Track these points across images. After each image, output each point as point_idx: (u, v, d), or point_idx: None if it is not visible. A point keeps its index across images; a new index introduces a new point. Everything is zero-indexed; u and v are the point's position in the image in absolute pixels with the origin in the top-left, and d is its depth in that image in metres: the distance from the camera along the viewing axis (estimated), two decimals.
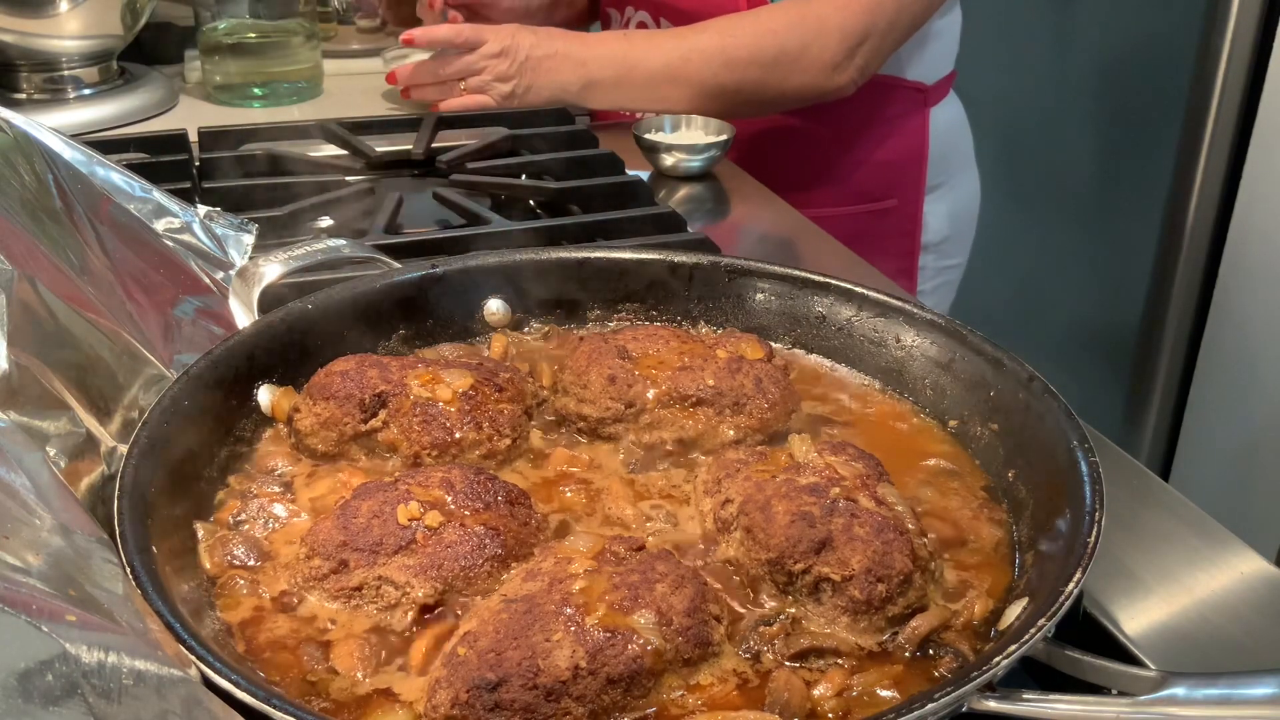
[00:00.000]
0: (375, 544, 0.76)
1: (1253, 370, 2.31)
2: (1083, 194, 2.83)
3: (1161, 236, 2.52)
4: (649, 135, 1.66)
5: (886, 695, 0.70)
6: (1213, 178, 2.37)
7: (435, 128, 1.66)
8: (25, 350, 0.77)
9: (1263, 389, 2.29)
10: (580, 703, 0.66)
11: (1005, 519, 0.86)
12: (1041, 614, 0.68)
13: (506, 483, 0.84)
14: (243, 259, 1.07)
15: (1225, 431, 2.43)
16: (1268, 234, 2.26)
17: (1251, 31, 2.26)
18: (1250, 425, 2.33)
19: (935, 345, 0.99)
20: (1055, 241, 2.89)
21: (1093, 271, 2.84)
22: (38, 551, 0.63)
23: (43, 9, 1.76)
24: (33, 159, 0.94)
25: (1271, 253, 2.25)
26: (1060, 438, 0.83)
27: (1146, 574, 0.87)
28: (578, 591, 0.70)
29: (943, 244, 1.98)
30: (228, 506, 0.85)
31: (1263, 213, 2.27)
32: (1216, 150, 2.35)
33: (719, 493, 0.84)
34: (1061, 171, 2.84)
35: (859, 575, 0.74)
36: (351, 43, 2.23)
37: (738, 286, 1.09)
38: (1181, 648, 0.80)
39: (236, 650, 0.72)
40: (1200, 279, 2.46)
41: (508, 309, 1.09)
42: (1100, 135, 2.76)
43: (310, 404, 0.91)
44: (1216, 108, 2.33)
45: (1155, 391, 2.59)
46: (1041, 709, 0.64)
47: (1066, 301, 2.90)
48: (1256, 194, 2.28)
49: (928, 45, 1.85)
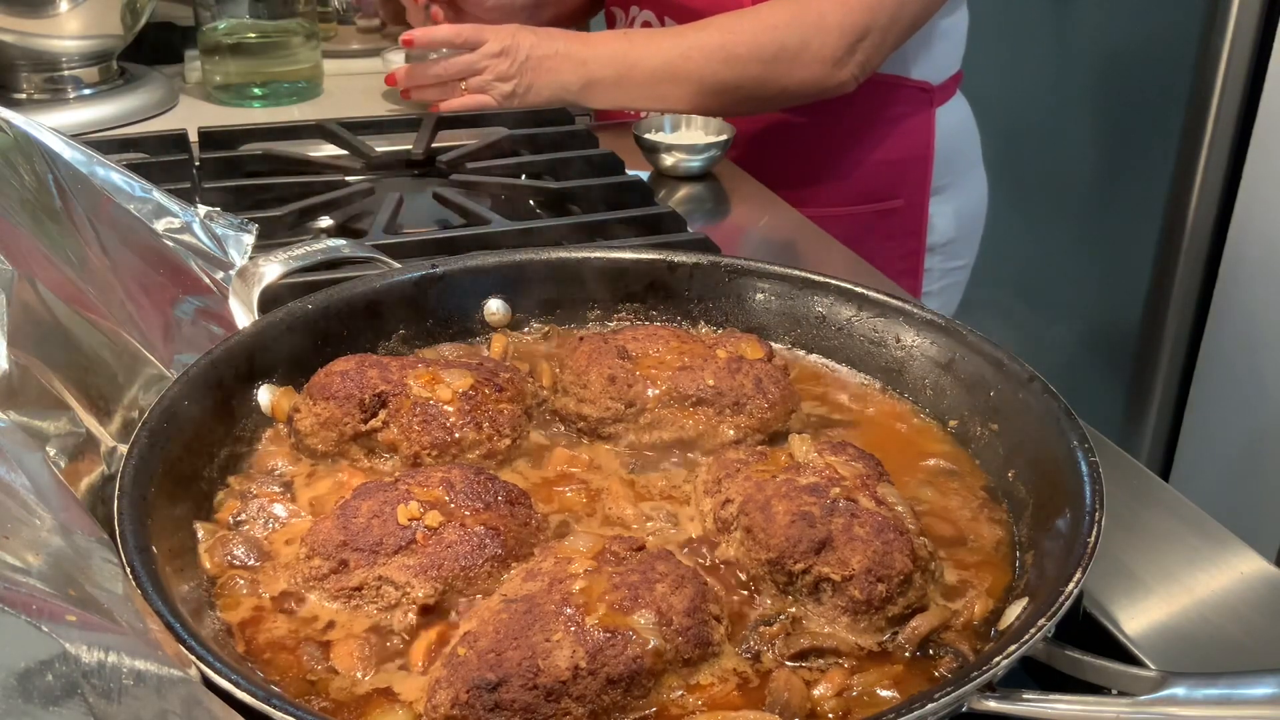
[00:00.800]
0: (375, 544, 0.76)
1: (1253, 370, 2.31)
2: (1083, 194, 2.83)
3: (1162, 236, 2.52)
4: (649, 135, 1.67)
5: (886, 695, 0.70)
6: (1213, 177, 2.37)
7: (435, 128, 1.66)
8: (25, 350, 0.77)
9: (1263, 389, 2.29)
10: (580, 703, 0.66)
11: (1005, 519, 0.86)
12: (1041, 614, 0.68)
13: (506, 483, 0.84)
14: (243, 259, 1.07)
15: (1225, 431, 2.43)
16: (1268, 234, 2.26)
17: (1251, 31, 2.26)
18: (1250, 425, 2.33)
19: (935, 345, 0.99)
20: (1055, 241, 2.89)
21: (1093, 271, 2.84)
22: (38, 551, 0.63)
23: (43, 9, 1.76)
24: (33, 159, 0.94)
25: (1271, 252, 2.25)
26: (1060, 438, 0.83)
27: (1146, 574, 0.87)
28: (578, 591, 0.70)
29: (949, 245, 1.97)
30: (228, 506, 0.85)
31: (1263, 212, 2.27)
32: (1216, 150, 2.35)
33: (719, 493, 0.84)
34: (1062, 171, 2.84)
35: (859, 575, 0.74)
36: (351, 43, 2.23)
37: (738, 286, 1.09)
38: (1181, 648, 0.80)
39: (236, 650, 0.72)
40: (1200, 279, 2.46)
41: (508, 309, 1.09)
42: (1100, 135, 2.76)
43: (310, 404, 0.91)
44: (1216, 108, 2.33)
45: (1155, 391, 2.59)
46: (1041, 709, 0.64)
47: (1067, 301, 2.90)
48: (1256, 194, 2.28)
49: (933, 45, 1.85)
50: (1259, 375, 2.31)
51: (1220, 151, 2.36)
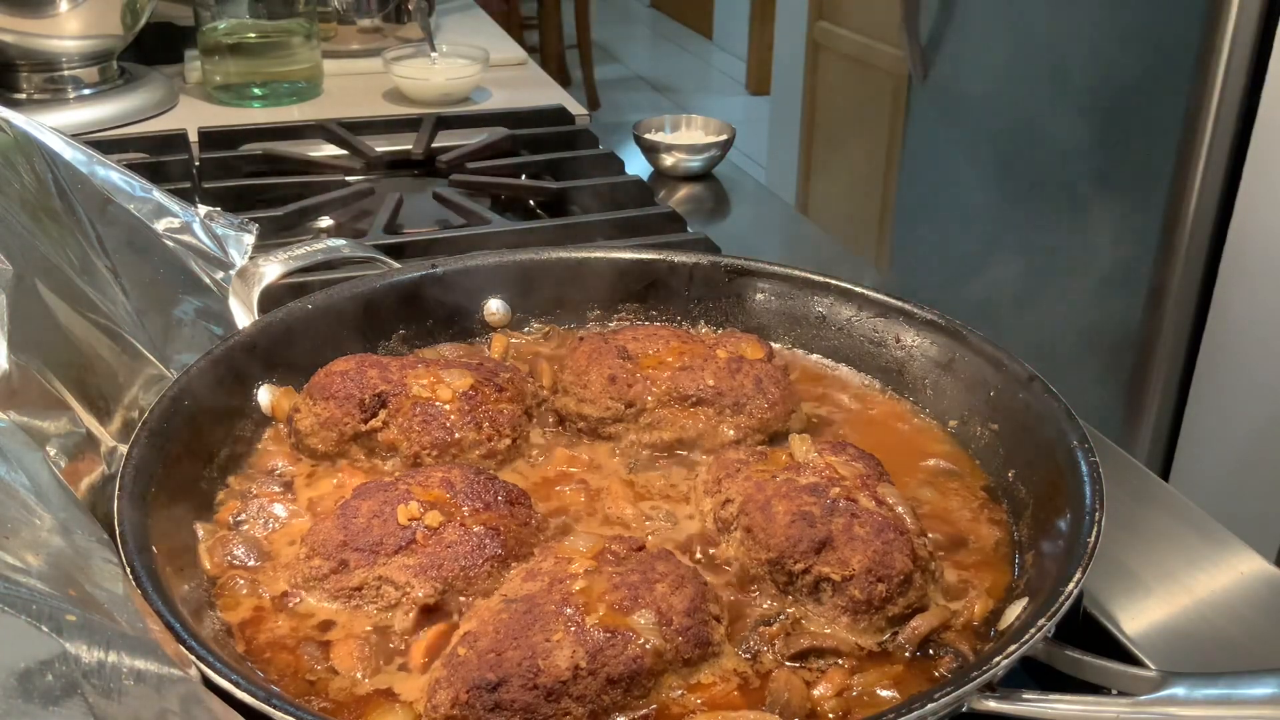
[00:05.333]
0: (375, 544, 0.76)
1: (1252, 370, 2.31)
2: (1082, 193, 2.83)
3: (1161, 236, 2.51)
4: (649, 135, 1.66)
5: (886, 695, 0.70)
6: (1213, 178, 2.37)
7: (435, 128, 1.66)
8: (25, 350, 0.77)
9: (1262, 389, 2.29)
10: (580, 703, 0.66)
11: (1005, 519, 0.86)
12: (1041, 614, 0.68)
13: (506, 483, 0.84)
14: (243, 259, 1.07)
15: (1225, 431, 2.42)
16: (1268, 234, 2.26)
17: (1251, 31, 2.25)
18: (1250, 425, 2.33)
19: (935, 345, 0.99)
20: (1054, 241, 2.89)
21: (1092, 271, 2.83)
22: (38, 551, 0.63)
23: (43, 9, 1.76)
24: (33, 159, 0.94)
25: (1271, 253, 2.25)
26: (1060, 438, 0.83)
27: (1146, 574, 0.87)
28: (578, 591, 0.70)
29: None
30: (228, 506, 0.85)
31: (1263, 213, 2.27)
32: (1216, 150, 2.35)
33: (719, 493, 0.84)
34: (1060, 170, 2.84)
35: (859, 575, 0.74)
36: (351, 43, 2.23)
37: (738, 286, 1.09)
38: (1181, 648, 0.80)
39: (236, 650, 0.72)
40: (1200, 279, 2.46)
41: (508, 309, 1.09)
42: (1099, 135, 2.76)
43: (310, 404, 0.91)
44: (1216, 108, 2.32)
45: (1155, 391, 2.59)
46: (1041, 709, 0.64)
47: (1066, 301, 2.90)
48: (1256, 194, 2.28)
49: None
50: (1259, 375, 2.31)
51: (1220, 152, 2.36)
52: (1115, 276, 2.75)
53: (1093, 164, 2.83)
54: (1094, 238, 2.84)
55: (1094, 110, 2.78)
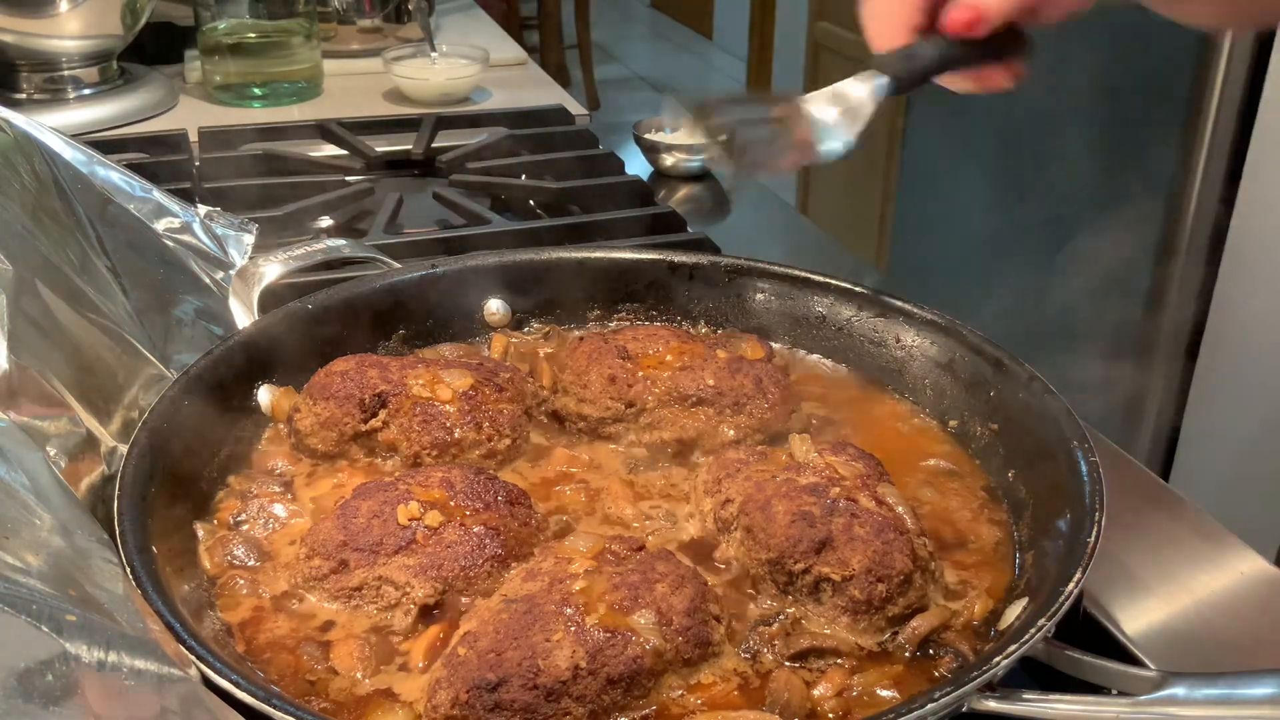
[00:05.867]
0: (375, 544, 0.76)
1: (1253, 370, 2.31)
2: (1082, 193, 2.83)
3: (1161, 236, 2.51)
4: (649, 135, 1.66)
5: (886, 695, 0.70)
6: (1213, 178, 2.37)
7: (435, 128, 1.66)
8: (25, 350, 0.77)
9: (1263, 389, 2.29)
10: (580, 703, 0.66)
11: (1005, 519, 0.86)
12: (1041, 614, 0.68)
13: (506, 483, 0.84)
14: (243, 259, 1.07)
15: (1225, 431, 2.42)
16: (1268, 234, 2.26)
17: None
18: (1250, 425, 2.33)
19: (935, 345, 0.99)
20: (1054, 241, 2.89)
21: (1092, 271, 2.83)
22: (38, 551, 0.63)
23: (43, 9, 1.76)
24: (33, 159, 0.94)
25: (1271, 253, 2.25)
26: (1060, 438, 0.83)
27: (1146, 574, 0.87)
28: (578, 591, 0.70)
29: None
30: (228, 506, 0.85)
31: (1263, 213, 2.27)
32: (1216, 150, 2.35)
33: (719, 493, 0.84)
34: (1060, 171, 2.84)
35: (859, 575, 0.74)
36: (351, 43, 2.23)
37: (738, 286, 1.09)
38: (1181, 648, 0.80)
39: (236, 650, 0.72)
40: (1200, 279, 2.46)
41: (508, 309, 1.09)
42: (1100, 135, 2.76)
43: (310, 404, 0.91)
44: (1216, 108, 2.32)
45: (1155, 391, 2.59)
46: (1041, 709, 0.64)
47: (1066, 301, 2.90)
48: (1256, 194, 2.28)
49: None
50: (1259, 375, 2.31)
51: (1220, 152, 2.36)
52: (1115, 276, 2.74)
53: (1093, 164, 2.82)
54: (1094, 238, 2.83)
55: (1094, 110, 2.77)
